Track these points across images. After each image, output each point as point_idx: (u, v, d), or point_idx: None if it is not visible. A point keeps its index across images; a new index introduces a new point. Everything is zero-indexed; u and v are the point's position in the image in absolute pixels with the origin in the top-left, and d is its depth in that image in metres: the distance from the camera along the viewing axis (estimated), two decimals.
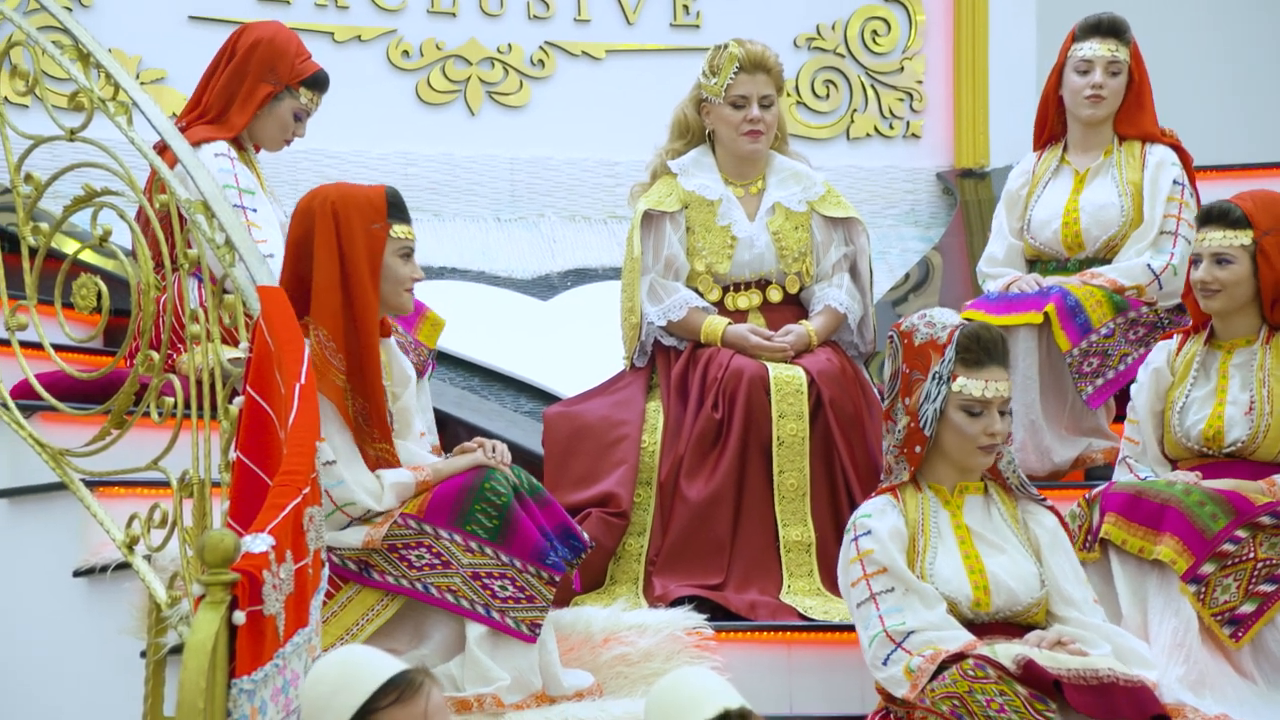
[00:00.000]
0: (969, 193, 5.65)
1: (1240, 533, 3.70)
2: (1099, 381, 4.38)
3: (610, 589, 4.15)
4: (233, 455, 3.14)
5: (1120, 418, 4.40)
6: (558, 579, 3.66)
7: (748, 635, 3.88)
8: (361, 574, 3.62)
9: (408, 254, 3.73)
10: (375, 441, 3.64)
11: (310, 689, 2.47)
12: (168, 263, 3.57)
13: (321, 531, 3.12)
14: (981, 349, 3.57)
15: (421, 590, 3.60)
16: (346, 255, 3.63)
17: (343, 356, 3.61)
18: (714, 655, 3.70)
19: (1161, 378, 4.01)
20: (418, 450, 3.76)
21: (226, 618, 2.68)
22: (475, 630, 3.58)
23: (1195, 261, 3.96)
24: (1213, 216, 3.97)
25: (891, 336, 3.66)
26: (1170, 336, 4.11)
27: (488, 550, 3.61)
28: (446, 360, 5.01)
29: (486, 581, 3.59)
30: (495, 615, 3.58)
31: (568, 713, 3.54)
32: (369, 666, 2.46)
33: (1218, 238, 3.93)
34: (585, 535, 3.75)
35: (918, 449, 3.56)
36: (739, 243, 4.36)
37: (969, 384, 3.53)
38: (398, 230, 3.71)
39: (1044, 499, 3.66)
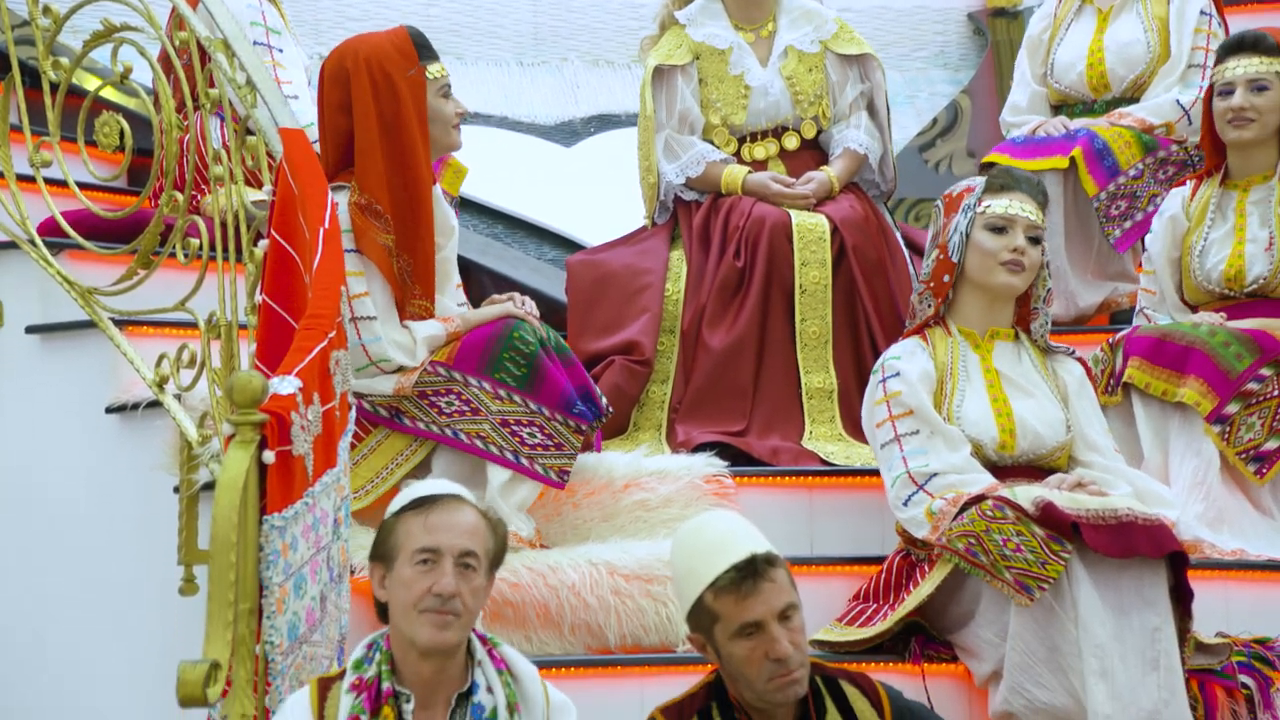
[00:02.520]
0: (1000, 33, 5.52)
1: (1265, 371, 3.71)
2: (1127, 224, 4.35)
3: (633, 435, 4.18)
4: (259, 298, 3.16)
5: None
6: (585, 427, 3.69)
7: (769, 480, 3.92)
8: (392, 419, 3.65)
9: (447, 91, 3.68)
10: (417, 298, 3.65)
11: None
12: (189, 102, 3.54)
13: (348, 375, 3.14)
14: (1009, 175, 3.58)
15: (451, 436, 3.64)
16: (390, 111, 3.57)
17: (389, 217, 3.59)
18: (733, 501, 3.74)
19: (1177, 224, 3.99)
20: (448, 303, 3.78)
21: (256, 457, 2.73)
22: (499, 477, 3.63)
23: (1225, 92, 3.89)
24: (1245, 44, 3.90)
25: (936, 205, 3.65)
26: (1183, 183, 4.07)
27: (516, 398, 3.63)
28: (469, 207, 4.98)
29: (515, 429, 3.63)
30: (524, 461, 3.63)
31: (591, 554, 3.60)
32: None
33: (1254, 64, 3.86)
34: (604, 401, 3.76)
35: (945, 278, 3.55)
36: (753, 92, 4.30)
37: (993, 203, 3.52)
38: (432, 70, 3.65)
39: (1072, 350, 3.66)
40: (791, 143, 4.35)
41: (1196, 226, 3.95)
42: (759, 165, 4.32)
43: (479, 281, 4.74)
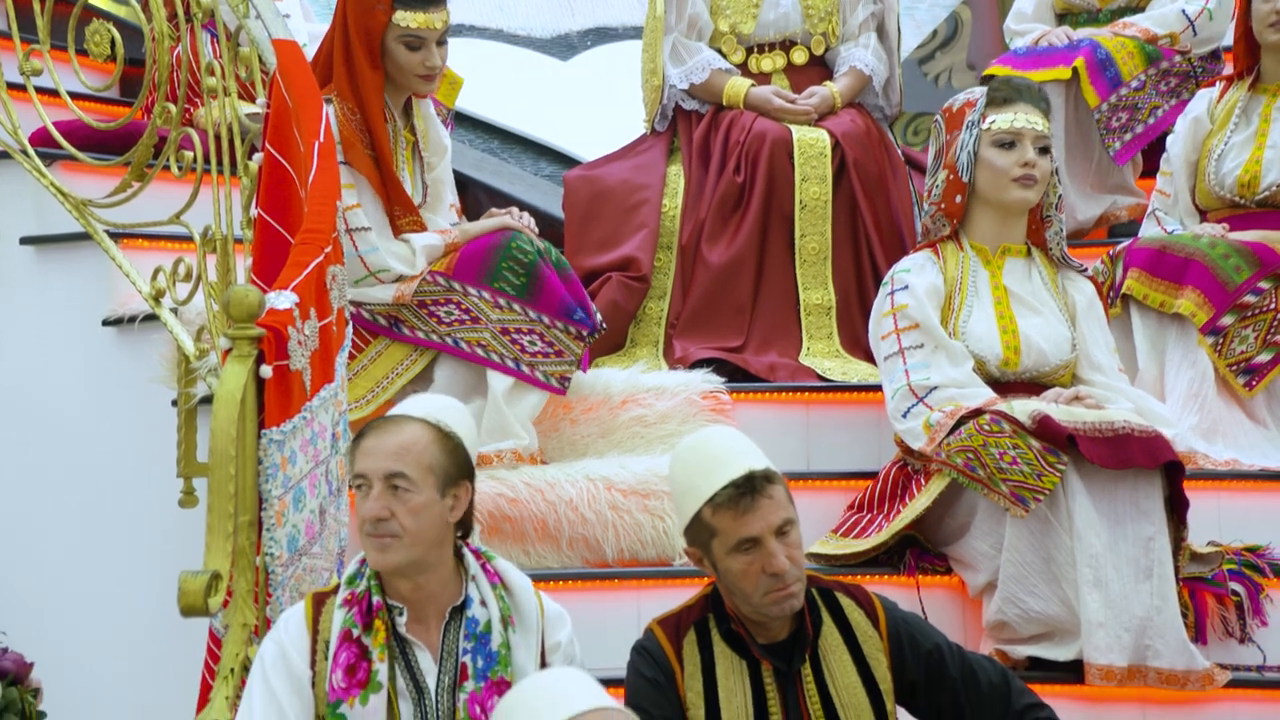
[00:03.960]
0: None
1: (1263, 284, 3.71)
2: (1127, 136, 4.33)
3: (631, 352, 4.18)
4: (254, 212, 3.13)
5: (1148, 173, 4.37)
6: (585, 334, 3.69)
7: (766, 396, 3.92)
8: (391, 329, 3.65)
9: (413, 43, 3.55)
10: (400, 218, 3.63)
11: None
12: (181, 12, 3.49)
13: (345, 290, 3.13)
14: (1010, 86, 3.55)
15: (452, 345, 3.64)
16: (344, 35, 3.55)
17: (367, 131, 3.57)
18: (730, 417, 3.75)
19: (1200, 126, 3.97)
20: (441, 223, 3.76)
21: (254, 371, 2.73)
22: (501, 384, 3.63)
23: None
24: None
25: (936, 120, 3.62)
26: (1211, 84, 4.04)
27: (515, 306, 3.63)
28: (465, 121, 4.94)
29: (515, 337, 3.63)
30: (525, 368, 3.63)
31: (589, 469, 3.61)
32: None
33: None
34: (598, 318, 3.75)
35: (958, 198, 3.54)
36: (764, 1, 4.25)
37: (998, 118, 3.50)
38: (403, 17, 3.54)
39: (1085, 268, 3.65)
40: (799, 57, 4.30)
41: (1219, 129, 3.93)
42: (764, 78, 4.28)
43: (474, 197, 4.71)
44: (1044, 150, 3.52)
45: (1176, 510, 3.24)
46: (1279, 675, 3.26)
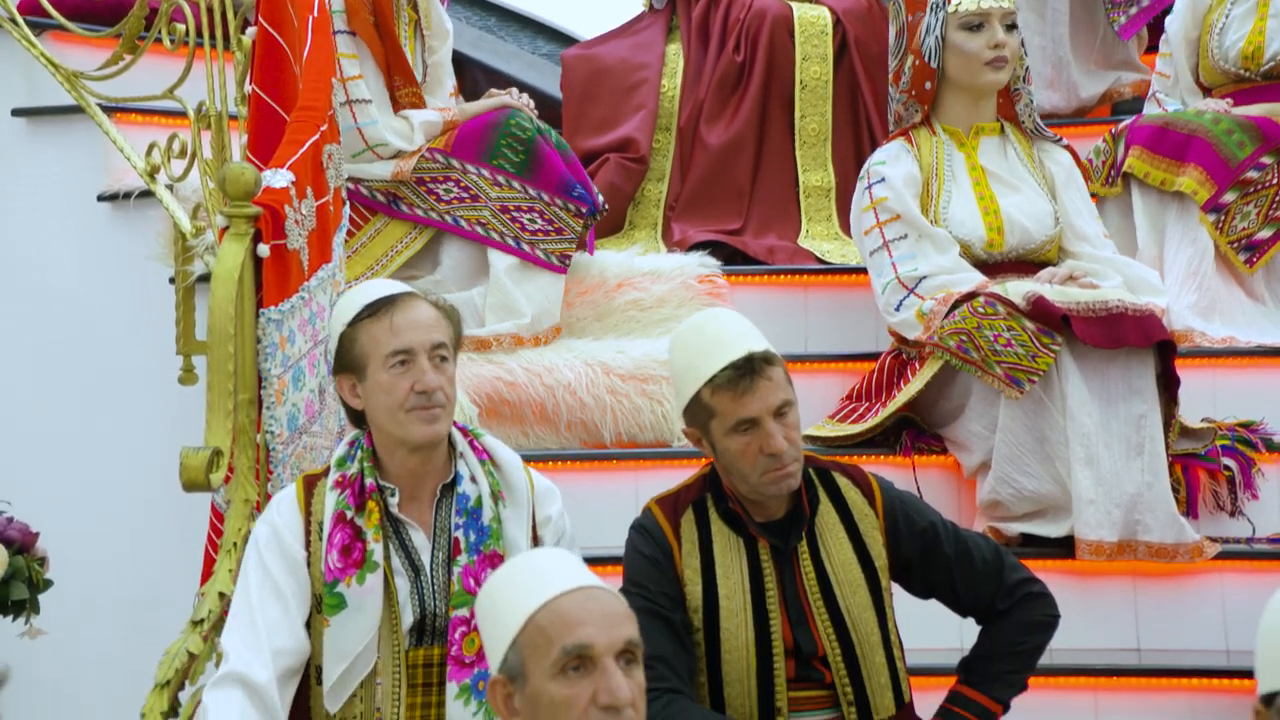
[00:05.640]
0: None
1: (1266, 159, 3.69)
2: (1132, 10, 4.26)
3: (629, 234, 4.17)
4: (248, 88, 3.09)
5: (1152, 48, 4.31)
6: (584, 211, 3.67)
7: (764, 279, 3.92)
8: (390, 206, 3.63)
9: None
10: (400, 89, 3.59)
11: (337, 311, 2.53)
12: None
13: (341, 169, 3.10)
14: None
15: (451, 223, 3.62)
16: None
17: None
18: (727, 300, 3.74)
19: (1199, 2, 3.91)
20: (444, 106, 3.72)
21: (251, 250, 2.71)
22: (503, 262, 3.62)
23: None
24: None
25: (895, 1, 3.55)
26: None
27: (515, 184, 3.61)
28: None
29: (515, 215, 3.61)
30: (525, 247, 3.62)
31: (586, 354, 3.61)
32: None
33: None
34: (600, 198, 3.72)
35: (927, 85, 3.50)
36: None
37: (964, 0, 3.44)
38: None
39: (1060, 139, 3.62)
40: None
41: (1220, 3, 3.87)
42: None
43: (472, 76, 4.65)
44: (1011, 27, 3.47)
45: (1168, 387, 3.25)
46: (1268, 547, 3.30)
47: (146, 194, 3.63)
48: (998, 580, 2.53)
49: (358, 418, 2.50)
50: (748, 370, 2.44)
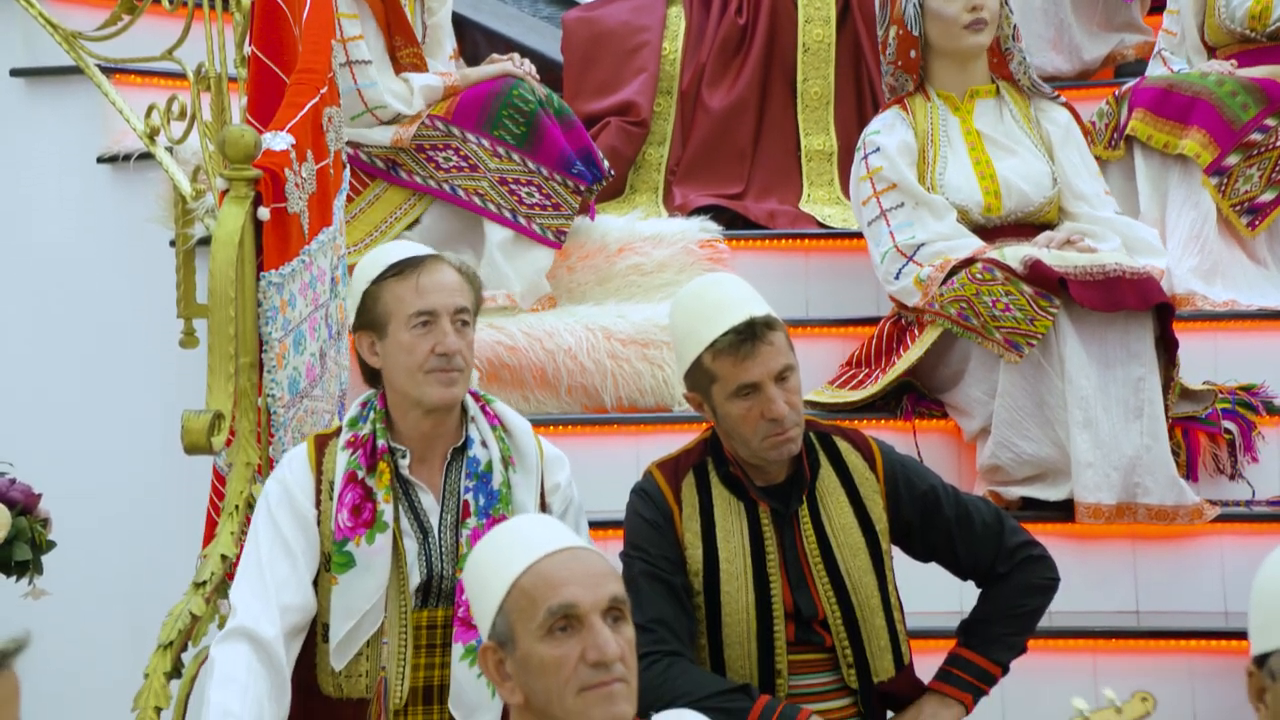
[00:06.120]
0: None
1: (1270, 121, 3.67)
2: None
3: (630, 198, 4.15)
4: (248, 50, 3.08)
5: (1156, 9, 4.29)
6: (583, 188, 3.66)
7: (765, 244, 3.91)
8: (389, 172, 3.62)
9: None
10: (401, 49, 3.57)
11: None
12: None
13: (341, 132, 3.10)
14: None
15: (449, 191, 3.61)
16: None
17: None
18: (728, 265, 3.74)
19: None
20: (443, 68, 3.70)
21: (251, 213, 2.71)
22: (498, 234, 3.61)
23: None
24: None
25: None
26: None
27: (515, 156, 3.60)
28: None
29: (514, 187, 3.60)
30: (521, 220, 3.61)
31: (587, 318, 3.61)
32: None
33: None
34: (606, 164, 3.71)
35: (912, 53, 3.49)
36: None
37: None
38: None
39: (1057, 95, 3.60)
40: None
41: None
42: None
43: (472, 39, 4.63)
44: None
45: (1167, 349, 3.25)
46: (1267, 510, 3.31)
47: (146, 156, 3.63)
48: (998, 543, 2.53)
49: (373, 377, 2.50)
50: (749, 335, 2.44)
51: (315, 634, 2.40)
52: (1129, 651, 3.06)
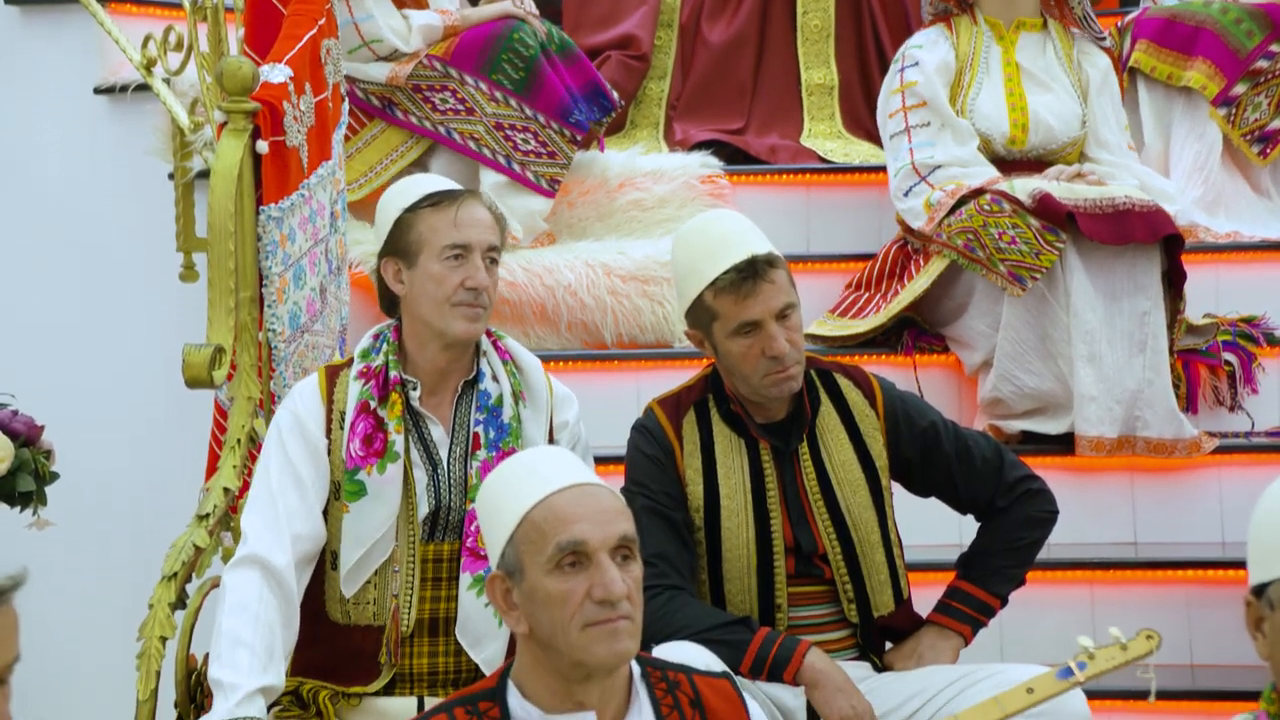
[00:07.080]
0: None
1: (1275, 47, 3.64)
2: None
3: (630, 133, 4.13)
4: None
5: None
6: (580, 138, 3.64)
7: (766, 179, 3.89)
8: (385, 110, 3.59)
9: None
10: None
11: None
12: None
13: (340, 65, 3.07)
14: None
15: (444, 134, 3.59)
16: None
17: None
18: (729, 201, 3.72)
19: None
20: (445, 4, 3.67)
21: (250, 146, 2.69)
22: (491, 179, 3.59)
23: None
24: None
25: None
26: None
27: (512, 102, 3.57)
28: None
29: (509, 133, 3.58)
30: (516, 167, 3.59)
31: (586, 254, 3.60)
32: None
33: None
34: (615, 95, 3.68)
35: None
36: None
37: None
38: None
39: (1105, 36, 3.57)
40: None
41: None
42: None
43: None
44: None
45: (1174, 284, 3.25)
46: (1266, 440, 3.33)
47: (143, 87, 3.59)
48: (997, 478, 2.54)
49: (391, 305, 2.49)
50: (750, 273, 2.43)
51: (324, 562, 2.42)
52: (1127, 583, 3.09)
